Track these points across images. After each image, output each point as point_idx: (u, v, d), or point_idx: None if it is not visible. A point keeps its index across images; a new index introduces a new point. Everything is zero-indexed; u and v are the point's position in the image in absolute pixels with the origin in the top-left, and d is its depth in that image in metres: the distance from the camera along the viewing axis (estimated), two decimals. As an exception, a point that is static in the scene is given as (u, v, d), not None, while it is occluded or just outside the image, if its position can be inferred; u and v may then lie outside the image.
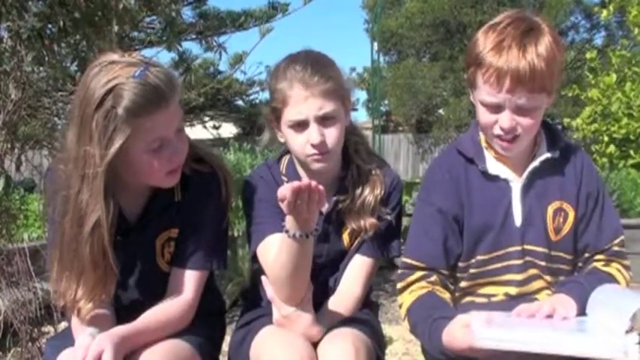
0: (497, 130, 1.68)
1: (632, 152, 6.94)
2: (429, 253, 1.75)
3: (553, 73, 1.63)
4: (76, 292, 1.64)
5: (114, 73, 1.58)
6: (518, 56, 1.59)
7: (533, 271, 1.74)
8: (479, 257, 1.75)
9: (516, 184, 1.75)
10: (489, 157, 1.78)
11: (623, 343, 1.37)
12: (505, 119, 1.64)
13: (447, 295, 1.73)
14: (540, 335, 1.40)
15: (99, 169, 1.58)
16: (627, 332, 1.40)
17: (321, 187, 1.55)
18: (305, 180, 1.57)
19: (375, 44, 11.23)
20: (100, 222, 1.61)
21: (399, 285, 1.77)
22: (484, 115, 1.69)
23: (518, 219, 1.74)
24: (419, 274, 1.74)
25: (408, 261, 1.77)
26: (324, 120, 1.77)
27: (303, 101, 1.75)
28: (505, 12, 1.74)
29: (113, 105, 1.56)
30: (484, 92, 1.66)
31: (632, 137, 6.99)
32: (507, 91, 1.61)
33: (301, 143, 1.79)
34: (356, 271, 1.87)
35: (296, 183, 1.53)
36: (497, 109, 1.66)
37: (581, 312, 1.59)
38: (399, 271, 1.78)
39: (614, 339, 1.38)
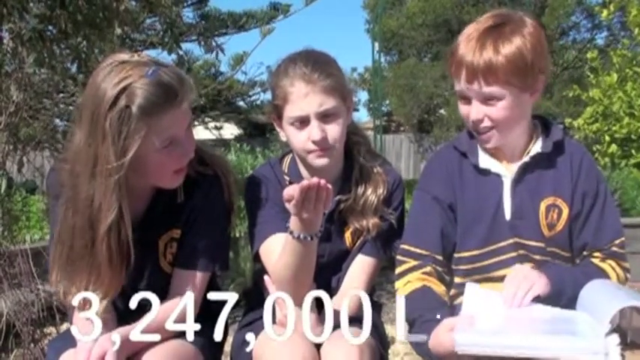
0: (471, 123, 1.71)
1: (633, 151, 6.94)
2: (427, 239, 1.76)
3: (519, 69, 1.63)
4: (87, 289, 1.64)
5: (125, 73, 1.57)
6: (474, 50, 1.63)
7: (528, 266, 1.74)
8: (472, 252, 1.76)
9: (507, 178, 1.76)
10: (482, 151, 1.79)
11: (604, 345, 1.37)
12: (473, 110, 1.68)
13: (441, 289, 1.73)
14: (521, 340, 1.41)
15: (113, 169, 1.57)
16: (607, 335, 1.39)
17: (329, 185, 1.55)
18: (310, 180, 1.55)
19: (376, 44, 11.24)
20: (118, 220, 1.61)
21: (396, 270, 1.78)
22: (460, 108, 1.73)
23: (508, 213, 1.75)
24: (415, 262, 1.75)
25: (406, 247, 1.78)
26: (324, 116, 1.77)
27: (303, 97, 1.76)
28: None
29: (127, 104, 1.55)
30: (455, 82, 1.70)
31: (633, 137, 6.98)
32: (466, 81, 1.66)
33: (302, 140, 1.78)
34: (358, 270, 1.87)
35: (305, 182, 1.53)
36: (467, 100, 1.69)
37: (555, 291, 1.60)
38: (397, 257, 1.80)
39: (596, 341, 1.38)
